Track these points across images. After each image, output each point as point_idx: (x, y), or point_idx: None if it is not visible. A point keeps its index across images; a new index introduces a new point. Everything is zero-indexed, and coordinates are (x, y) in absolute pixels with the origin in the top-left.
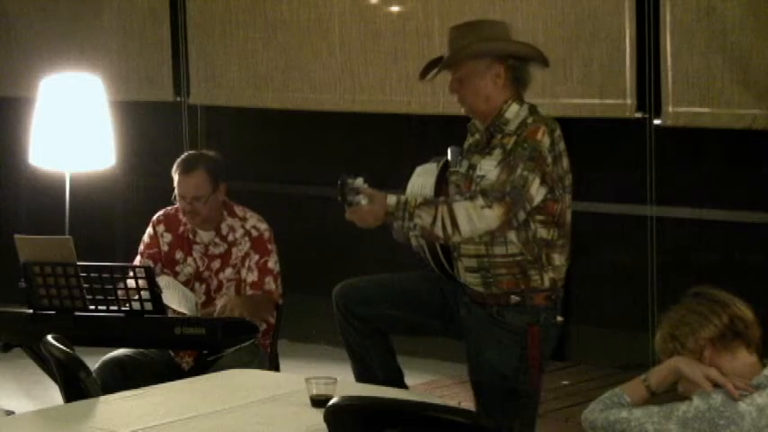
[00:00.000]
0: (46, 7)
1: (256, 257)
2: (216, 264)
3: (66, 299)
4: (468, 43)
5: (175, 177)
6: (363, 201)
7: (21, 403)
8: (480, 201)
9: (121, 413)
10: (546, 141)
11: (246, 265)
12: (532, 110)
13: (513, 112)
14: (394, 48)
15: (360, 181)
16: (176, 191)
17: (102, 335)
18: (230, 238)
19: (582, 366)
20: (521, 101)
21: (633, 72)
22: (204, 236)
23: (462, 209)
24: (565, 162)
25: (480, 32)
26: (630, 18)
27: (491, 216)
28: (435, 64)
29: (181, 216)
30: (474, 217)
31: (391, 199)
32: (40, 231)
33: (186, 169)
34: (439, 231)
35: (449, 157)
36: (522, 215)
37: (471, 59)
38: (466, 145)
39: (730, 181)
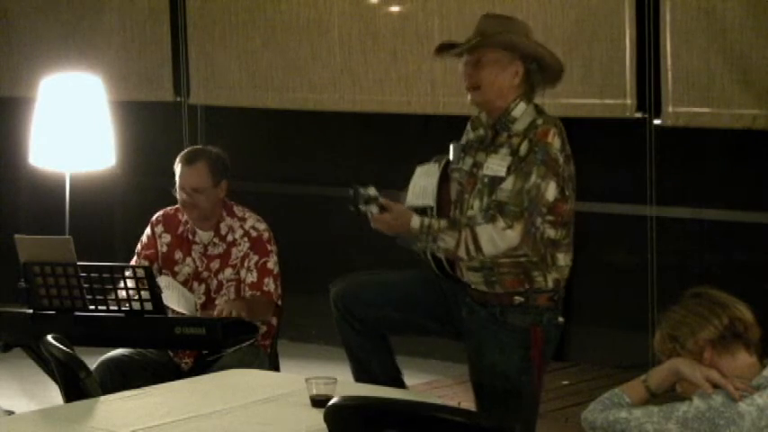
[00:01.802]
0: (46, 7)
1: (255, 258)
2: (215, 264)
3: (66, 299)
4: (503, 31)
5: (177, 169)
6: (374, 210)
7: (21, 403)
8: (501, 223)
9: (121, 413)
10: (557, 143)
11: (246, 265)
12: (539, 110)
13: (521, 110)
14: (394, 48)
15: (372, 190)
16: (177, 182)
17: (103, 335)
18: (229, 238)
19: (582, 366)
20: (528, 100)
21: (633, 72)
22: (203, 236)
23: (485, 233)
24: (571, 163)
25: (514, 26)
26: (630, 18)
27: (513, 236)
28: (453, 46)
29: (180, 216)
30: (497, 240)
31: (415, 221)
32: (40, 231)
33: (189, 160)
34: (462, 254)
35: (450, 154)
36: (538, 221)
37: (500, 48)
38: (465, 140)
39: (730, 181)
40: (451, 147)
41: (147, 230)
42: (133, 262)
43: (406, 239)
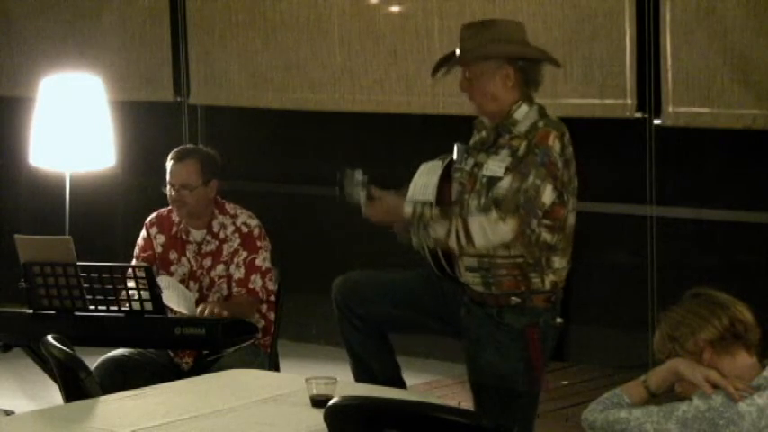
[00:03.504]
0: (46, 7)
1: (244, 254)
2: (208, 261)
3: (66, 299)
4: (480, 43)
5: (168, 166)
6: (361, 194)
7: (21, 403)
8: (494, 214)
9: (121, 413)
10: (557, 146)
11: (235, 261)
12: (542, 112)
13: (523, 113)
14: (394, 48)
15: (360, 173)
16: (167, 179)
17: (102, 335)
18: (221, 235)
19: (582, 366)
20: (530, 102)
21: (633, 72)
22: (196, 235)
23: (477, 223)
24: (572, 167)
25: (493, 33)
26: (630, 18)
27: (505, 230)
28: (447, 60)
29: (173, 217)
30: (488, 231)
31: (408, 209)
32: (40, 231)
33: (179, 157)
34: (453, 244)
35: (454, 154)
36: (534, 224)
37: (481, 60)
38: (471, 142)
39: (730, 181)
40: (456, 147)
41: (143, 233)
42: None
43: (404, 234)
